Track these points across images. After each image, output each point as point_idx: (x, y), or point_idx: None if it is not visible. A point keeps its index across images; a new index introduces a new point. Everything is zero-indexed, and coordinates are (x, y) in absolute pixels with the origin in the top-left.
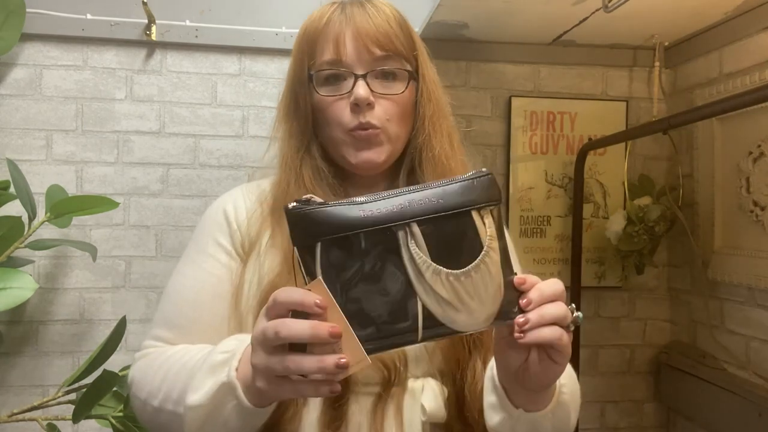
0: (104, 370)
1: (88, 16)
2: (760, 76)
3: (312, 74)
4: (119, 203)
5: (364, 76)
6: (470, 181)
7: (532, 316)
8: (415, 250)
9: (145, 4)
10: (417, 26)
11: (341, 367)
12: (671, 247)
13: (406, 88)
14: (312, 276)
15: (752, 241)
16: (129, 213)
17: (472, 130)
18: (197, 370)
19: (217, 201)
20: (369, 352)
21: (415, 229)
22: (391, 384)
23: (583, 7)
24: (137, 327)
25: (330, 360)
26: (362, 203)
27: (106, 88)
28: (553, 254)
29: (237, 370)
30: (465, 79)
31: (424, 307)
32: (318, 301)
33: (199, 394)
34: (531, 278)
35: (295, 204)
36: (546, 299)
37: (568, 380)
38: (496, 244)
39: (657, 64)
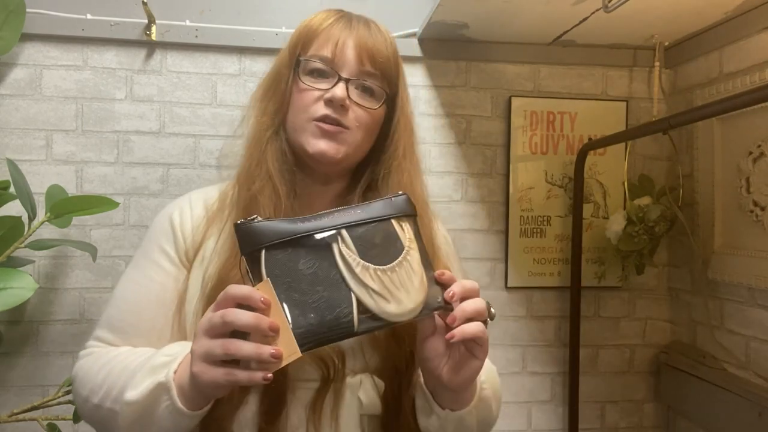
0: None
1: (88, 16)
2: (760, 76)
3: (301, 60)
4: (119, 203)
5: (347, 81)
6: (389, 199)
7: (456, 313)
8: (346, 250)
9: (145, 4)
10: (417, 26)
11: (275, 357)
12: (671, 247)
13: (380, 106)
14: (258, 277)
15: (752, 241)
16: (129, 213)
17: (471, 130)
18: (138, 371)
19: (166, 208)
20: (312, 344)
21: (345, 233)
22: (329, 380)
23: (583, 7)
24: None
25: (267, 348)
26: (301, 220)
27: (106, 88)
28: (553, 254)
29: (175, 372)
30: (465, 79)
31: (358, 300)
32: (263, 298)
33: (136, 391)
34: (448, 273)
35: (243, 220)
36: (467, 292)
37: (487, 375)
38: (415, 245)
39: (657, 64)
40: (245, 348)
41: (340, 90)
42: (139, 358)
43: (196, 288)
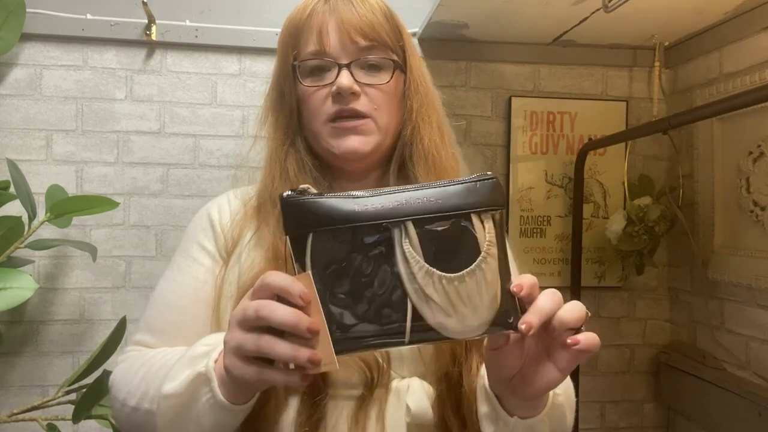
0: (104, 370)
1: (88, 16)
2: (760, 76)
3: (296, 65)
4: (119, 203)
5: (347, 66)
6: (473, 183)
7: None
8: (409, 249)
9: (145, 4)
10: (417, 26)
11: (313, 362)
12: (671, 247)
13: (392, 77)
14: (302, 265)
15: (752, 241)
16: (129, 213)
17: (471, 130)
18: (176, 363)
19: (203, 207)
20: (353, 351)
21: (411, 228)
22: (374, 385)
23: (583, 7)
24: (133, 331)
25: (304, 351)
26: (359, 197)
27: (106, 88)
28: (553, 254)
29: (216, 362)
30: (465, 79)
31: (414, 310)
32: (303, 292)
33: (174, 383)
34: (527, 286)
35: (290, 193)
36: (545, 318)
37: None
38: (494, 251)
39: (657, 64)
40: (280, 348)
41: (345, 78)
42: (176, 356)
43: (232, 282)
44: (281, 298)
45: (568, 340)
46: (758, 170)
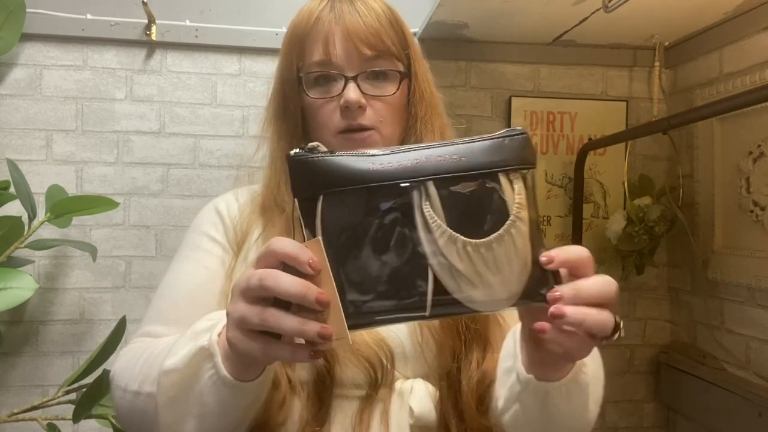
0: (104, 370)
1: (88, 16)
2: (760, 76)
3: (301, 76)
4: (119, 203)
5: (354, 78)
6: (501, 139)
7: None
8: (429, 212)
9: (145, 4)
10: (417, 26)
11: (323, 337)
12: (671, 247)
13: (398, 89)
14: (312, 231)
15: (752, 241)
16: (129, 213)
17: (471, 130)
18: (179, 339)
19: (209, 203)
20: (368, 324)
21: (432, 189)
22: (377, 385)
23: (583, 7)
24: (137, 327)
25: (313, 325)
26: (374, 155)
27: (106, 88)
28: None
29: (219, 335)
30: (465, 79)
31: (436, 279)
32: (312, 260)
33: (176, 358)
34: (560, 257)
35: (298, 151)
36: (583, 298)
37: (591, 362)
38: (525, 214)
39: (657, 64)
40: (286, 322)
41: (353, 92)
42: (180, 339)
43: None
44: (289, 266)
45: (536, 326)
46: (758, 170)
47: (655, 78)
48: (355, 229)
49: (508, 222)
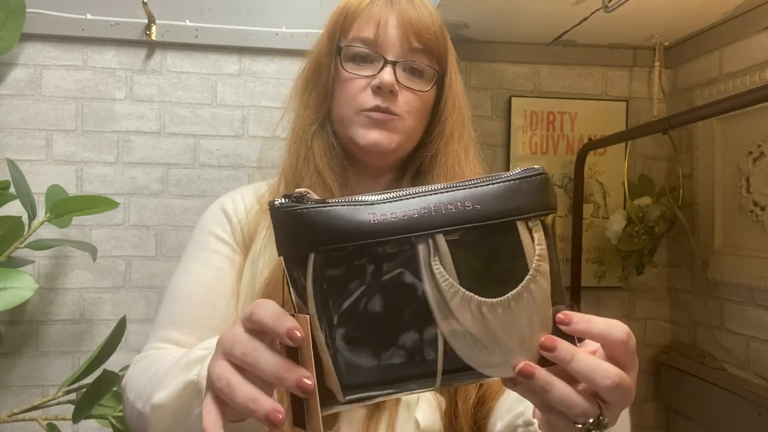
0: (104, 370)
1: (88, 16)
2: (760, 76)
3: (342, 47)
4: (119, 203)
5: (394, 63)
6: (518, 181)
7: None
8: (440, 270)
9: (145, 4)
10: None
11: (272, 422)
12: (671, 247)
13: (431, 88)
14: (300, 295)
15: (752, 241)
16: (129, 213)
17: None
18: (173, 367)
19: (215, 202)
20: (368, 399)
21: (441, 242)
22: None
23: (583, 7)
24: (137, 327)
25: (264, 403)
26: (372, 204)
27: (106, 88)
28: None
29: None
30: (465, 79)
31: (447, 346)
32: (297, 334)
33: (165, 391)
34: (582, 323)
35: (283, 201)
36: (572, 368)
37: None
38: (546, 267)
39: (657, 64)
40: (267, 405)
41: (388, 75)
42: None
43: (247, 283)
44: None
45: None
46: (758, 170)
47: (655, 78)
48: (353, 291)
49: (527, 277)
